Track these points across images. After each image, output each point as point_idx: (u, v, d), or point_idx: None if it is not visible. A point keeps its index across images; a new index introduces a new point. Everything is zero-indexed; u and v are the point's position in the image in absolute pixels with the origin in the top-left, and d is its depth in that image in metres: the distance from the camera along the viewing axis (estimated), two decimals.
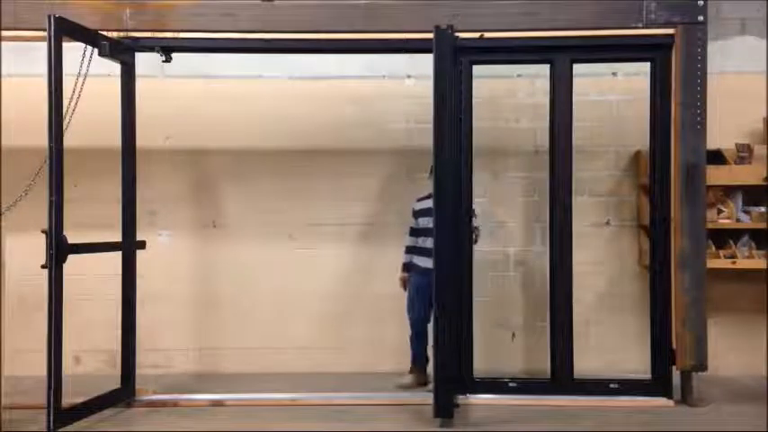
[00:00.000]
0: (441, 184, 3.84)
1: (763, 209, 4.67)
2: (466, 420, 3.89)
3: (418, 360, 4.61)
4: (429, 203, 4.43)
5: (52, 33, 3.57)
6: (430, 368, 4.45)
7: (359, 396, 4.25)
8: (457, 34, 3.90)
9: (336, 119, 4.75)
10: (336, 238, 5.02)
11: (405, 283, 4.67)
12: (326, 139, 4.96)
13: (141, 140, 4.27)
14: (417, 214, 4.64)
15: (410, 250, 4.68)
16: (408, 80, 5.08)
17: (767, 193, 4.65)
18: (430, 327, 4.49)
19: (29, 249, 3.79)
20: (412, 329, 4.60)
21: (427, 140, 4.92)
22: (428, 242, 4.46)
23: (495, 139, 4.96)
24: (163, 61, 4.25)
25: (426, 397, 4.00)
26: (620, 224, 5.04)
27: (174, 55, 4.27)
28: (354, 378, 4.67)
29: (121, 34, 4.12)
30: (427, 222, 4.48)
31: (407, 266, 4.68)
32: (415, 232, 4.67)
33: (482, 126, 4.52)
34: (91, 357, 4.98)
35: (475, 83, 4.29)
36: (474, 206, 4.30)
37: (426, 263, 4.48)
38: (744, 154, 4.71)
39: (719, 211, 4.67)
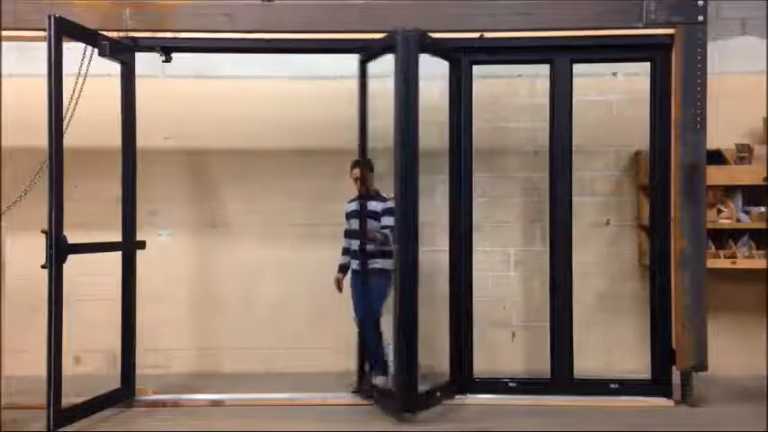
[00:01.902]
0: (405, 186, 3.94)
1: (763, 209, 4.67)
2: (466, 420, 3.89)
3: (376, 363, 4.55)
4: (355, 206, 4.51)
5: (52, 33, 3.57)
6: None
7: (359, 396, 4.25)
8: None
9: (336, 119, 4.76)
10: (336, 238, 5.00)
11: (339, 284, 4.64)
12: (326, 138, 4.96)
13: (141, 140, 4.28)
14: (348, 216, 4.64)
15: (345, 252, 4.68)
16: None
17: (767, 193, 4.65)
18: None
19: (29, 249, 3.79)
20: (358, 332, 4.57)
21: (427, 140, 4.95)
22: (354, 244, 4.50)
23: (495, 139, 4.96)
24: (163, 61, 4.25)
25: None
26: (620, 224, 5.04)
27: (174, 55, 4.27)
28: (354, 378, 4.65)
29: (121, 34, 4.12)
30: (353, 224, 4.52)
31: (343, 268, 4.66)
32: (347, 234, 4.65)
33: (482, 126, 4.53)
34: (91, 357, 4.98)
35: (475, 83, 4.30)
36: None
37: (354, 264, 4.52)
38: (744, 154, 4.71)
39: (719, 211, 4.68)
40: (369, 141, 4.32)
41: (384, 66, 4.85)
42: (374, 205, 4.48)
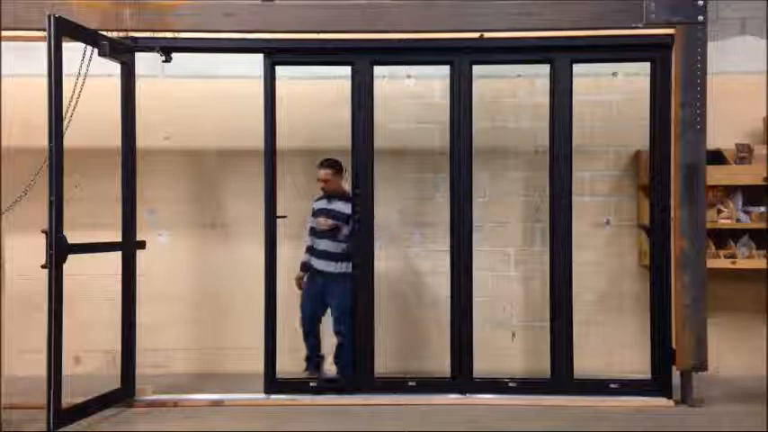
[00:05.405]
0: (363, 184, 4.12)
1: (763, 209, 4.67)
2: (466, 420, 3.89)
3: (311, 360, 4.65)
4: (323, 204, 4.57)
5: (52, 33, 3.57)
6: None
7: (360, 396, 4.25)
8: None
9: (336, 119, 4.75)
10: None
11: (299, 283, 4.70)
12: (326, 139, 4.95)
13: (141, 140, 4.28)
14: (314, 214, 4.67)
15: (308, 250, 4.71)
16: (408, 80, 5.08)
17: (767, 193, 4.65)
18: (322, 327, 4.66)
19: (29, 249, 3.79)
20: (302, 329, 4.64)
21: (428, 141, 4.97)
22: (321, 243, 4.55)
23: (495, 139, 4.96)
24: (163, 61, 4.25)
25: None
26: (620, 224, 5.04)
27: (174, 55, 4.27)
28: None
29: (121, 34, 4.12)
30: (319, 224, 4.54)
31: (305, 266, 4.70)
32: (312, 232, 4.68)
33: (482, 126, 4.53)
34: (91, 357, 4.98)
35: (475, 83, 4.30)
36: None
37: (318, 264, 4.57)
38: (744, 154, 4.71)
39: (719, 211, 4.68)
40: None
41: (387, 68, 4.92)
42: (341, 206, 4.50)
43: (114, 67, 4.14)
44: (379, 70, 4.37)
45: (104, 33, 4.00)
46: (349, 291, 4.39)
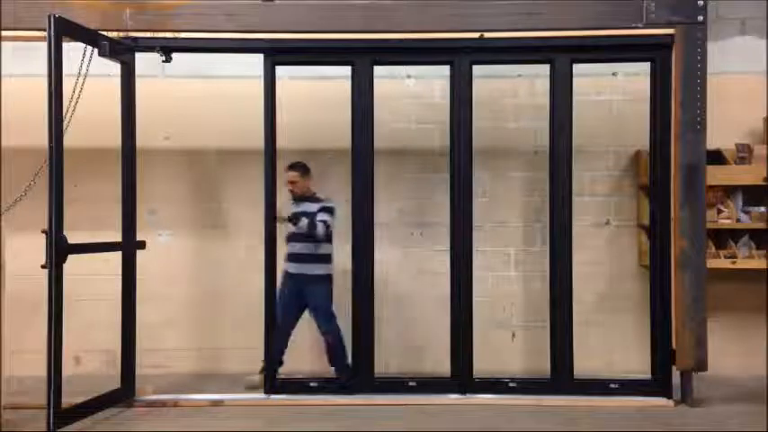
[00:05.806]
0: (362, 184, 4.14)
1: (763, 209, 4.67)
2: (466, 420, 3.89)
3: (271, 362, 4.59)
4: (293, 208, 4.53)
5: (52, 33, 3.57)
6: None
7: (360, 396, 4.25)
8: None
9: (336, 119, 4.76)
10: (334, 238, 5.00)
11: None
12: (326, 139, 4.96)
13: (141, 140, 4.28)
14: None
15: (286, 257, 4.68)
16: (408, 80, 5.08)
17: (767, 194, 4.65)
18: (297, 331, 4.59)
19: (30, 249, 3.79)
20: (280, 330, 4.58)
21: (428, 141, 4.97)
22: (290, 246, 4.54)
23: (495, 139, 4.96)
24: (163, 61, 4.25)
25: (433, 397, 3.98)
26: (620, 224, 5.04)
27: (174, 55, 4.27)
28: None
29: (121, 34, 4.12)
30: (292, 227, 4.51)
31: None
32: (287, 237, 4.62)
33: (482, 126, 4.53)
34: (91, 357, 4.98)
35: (475, 83, 4.30)
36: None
37: (289, 267, 4.54)
38: (744, 154, 4.71)
39: (719, 211, 4.68)
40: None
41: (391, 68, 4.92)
42: (309, 207, 4.49)
43: (114, 67, 4.14)
44: (377, 70, 4.36)
45: (104, 33, 4.00)
46: (323, 291, 4.44)
